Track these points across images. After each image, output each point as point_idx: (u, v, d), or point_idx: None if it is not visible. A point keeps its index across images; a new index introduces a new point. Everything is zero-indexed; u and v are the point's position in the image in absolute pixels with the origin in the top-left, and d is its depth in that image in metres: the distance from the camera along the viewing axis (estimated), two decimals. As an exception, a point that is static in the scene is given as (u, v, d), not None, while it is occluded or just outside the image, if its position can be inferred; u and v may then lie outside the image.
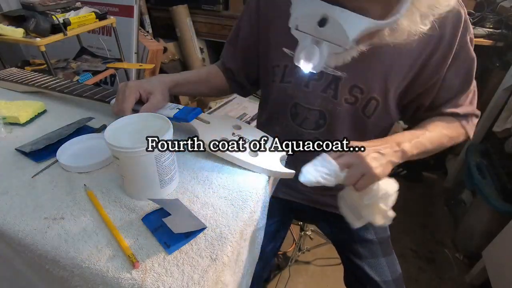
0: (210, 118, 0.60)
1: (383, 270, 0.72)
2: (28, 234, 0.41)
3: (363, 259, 0.73)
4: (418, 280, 1.32)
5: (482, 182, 1.29)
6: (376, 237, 0.75)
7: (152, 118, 0.48)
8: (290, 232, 1.50)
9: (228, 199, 0.47)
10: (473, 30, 0.60)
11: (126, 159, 0.42)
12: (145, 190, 0.46)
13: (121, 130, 0.46)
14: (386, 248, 0.75)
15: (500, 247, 1.15)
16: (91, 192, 0.47)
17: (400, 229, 1.56)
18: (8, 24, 1.30)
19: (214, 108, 1.84)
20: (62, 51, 1.63)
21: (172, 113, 0.58)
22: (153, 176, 0.45)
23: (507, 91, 1.40)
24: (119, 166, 0.44)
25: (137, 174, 0.44)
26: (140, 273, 0.37)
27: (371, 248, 0.74)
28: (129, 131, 0.46)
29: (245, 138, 0.57)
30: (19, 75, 0.77)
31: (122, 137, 0.44)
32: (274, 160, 0.53)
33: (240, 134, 0.57)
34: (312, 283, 1.34)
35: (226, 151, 0.53)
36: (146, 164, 0.43)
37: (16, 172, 0.51)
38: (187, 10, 1.92)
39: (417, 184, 1.86)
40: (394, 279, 0.72)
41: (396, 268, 0.74)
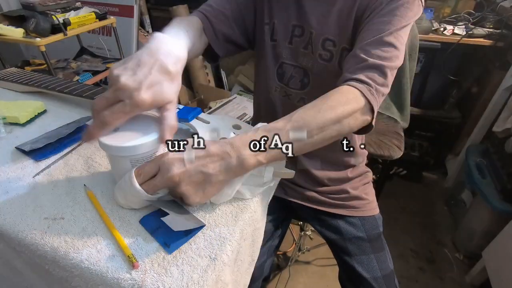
0: (210, 118, 0.60)
1: (373, 266, 0.72)
2: (28, 234, 0.41)
3: (352, 256, 0.74)
4: (418, 280, 1.32)
5: (482, 182, 1.29)
6: (366, 234, 0.75)
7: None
8: (290, 232, 1.50)
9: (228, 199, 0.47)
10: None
11: (109, 156, 0.44)
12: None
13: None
14: (376, 244, 0.75)
15: (500, 247, 1.15)
16: (91, 192, 0.47)
17: (400, 229, 1.57)
18: (8, 24, 1.30)
19: (214, 108, 1.84)
20: (62, 51, 1.63)
21: None
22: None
23: (507, 91, 1.40)
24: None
25: (115, 173, 0.45)
26: (140, 273, 0.37)
27: (360, 245, 0.74)
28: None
29: None
30: (19, 75, 0.77)
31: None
32: None
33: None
34: (312, 283, 1.34)
35: None
36: (120, 165, 0.43)
37: (16, 172, 0.51)
38: (187, 10, 1.92)
39: (417, 184, 1.86)
40: (385, 275, 0.72)
41: (388, 265, 0.74)
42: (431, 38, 1.47)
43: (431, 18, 1.58)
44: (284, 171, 0.51)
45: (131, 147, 0.41)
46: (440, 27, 1.51)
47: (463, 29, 1.48)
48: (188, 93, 2.17)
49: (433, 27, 1.50)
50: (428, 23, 1.49)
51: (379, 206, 0.82)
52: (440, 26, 1.52)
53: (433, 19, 1.59)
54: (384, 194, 1.56)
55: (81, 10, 1.44)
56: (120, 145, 0.40)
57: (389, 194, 1.73)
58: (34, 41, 1.24)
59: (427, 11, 1.57)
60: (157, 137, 0.42)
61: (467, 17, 1.52)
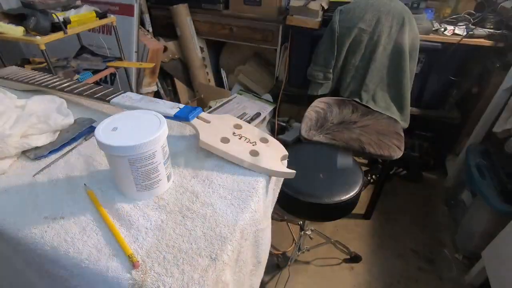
0: (210, 117, 0.60)
1: None
2: (28, 233, 0.41)
3: None
4: (418, 280, 1.32)
5: (482, 182, 1.29)
6: None
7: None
8: (289, 231, 1.50)
9: (228, 199, 0.47)
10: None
11: (107, 156, 0.44)
12: (122, 188, 0.47)
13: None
14: None
15: (500, 247, 1.15)
16: (91, 191, 0.47)
17: (400, 229, 1.57)
18: (8, 22, 1.29)
19: (214, 108, 1.84)
20: (62, 49, 1.63)
21: (173, 112, 0.58)
22: (127, 177, 0.44)
23: (508, 92, 1.39)
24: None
25: (114, 172, 0.45)
26: (140, 273, 0.36)
27: None
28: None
29: (246, 137, 0.56)
30: (19, 74, 0.76)
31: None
32: (275, 160, 0.53)
33: (241, 134, 0.57)
34: (312, 283, 1.34)
35: (227, 151, 0.52)
36: (118, 164, 0.44)
37: (16, 171, 0.51)
38: (187, 9, 1.92)
39: (417, 184, 1.86)
40: None
41: None
42: (431, 38, 1.47)
43: (432, 19, 1.58)
44: (286, 171, 0.51)
45: (129, 147, 0.41)
46: (441, 28, 1.50)
47: (464, 29, 1.48)
48: (188, 92, 2.17)
49: (433, 28, 1.50)
50: (428, 23, 1.49)
51: (379, 206, 0.82)
52: (441, 26, 1.52)
53: (434, 20, 1.59)
54: (384, 194, 1.56)
55: (81, 9, 1.43)
56: (119, 145, 0.40)
57: (389, 194, 1.73)
58: (34, 39, 1.23)
59: (428, 11, 1.57)
60: (156, 137, 0.42)
61: (467, 18, 1.52)
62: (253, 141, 0.56)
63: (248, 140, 0.56)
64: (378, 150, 1.17)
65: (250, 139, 0.56)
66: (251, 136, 0.57)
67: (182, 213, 0.45)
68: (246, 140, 0.56)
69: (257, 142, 0.56)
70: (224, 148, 0.53)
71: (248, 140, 0.56)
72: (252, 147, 0.54)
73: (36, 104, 0.61)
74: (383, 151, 1.17)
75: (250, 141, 0.56)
